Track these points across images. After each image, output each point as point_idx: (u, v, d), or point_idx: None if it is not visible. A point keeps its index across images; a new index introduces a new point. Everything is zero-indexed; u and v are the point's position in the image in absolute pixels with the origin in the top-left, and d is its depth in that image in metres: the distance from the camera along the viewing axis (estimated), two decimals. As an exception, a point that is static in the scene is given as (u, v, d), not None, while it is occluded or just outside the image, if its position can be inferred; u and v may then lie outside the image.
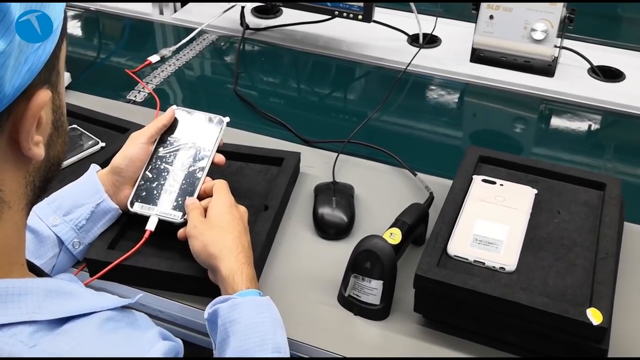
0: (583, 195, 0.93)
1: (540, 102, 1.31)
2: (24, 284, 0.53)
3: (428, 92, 1.36)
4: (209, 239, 0.80)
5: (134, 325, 0.58)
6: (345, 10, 1.35)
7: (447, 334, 0.83)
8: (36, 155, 0.52)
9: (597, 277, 0.79)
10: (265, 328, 0.73)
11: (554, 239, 0.86)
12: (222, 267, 0.78)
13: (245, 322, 0.73)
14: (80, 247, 0.88)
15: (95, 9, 1.66)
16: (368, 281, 0.82)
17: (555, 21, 1.27)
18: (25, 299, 0.52)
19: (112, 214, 0.90)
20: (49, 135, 0.55)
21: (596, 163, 1.17)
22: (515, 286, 0.79)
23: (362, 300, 0.84)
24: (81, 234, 0.87)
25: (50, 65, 0.52)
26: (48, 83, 0.52)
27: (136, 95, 1.32)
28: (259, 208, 0.96)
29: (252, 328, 0.72)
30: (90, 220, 0.88)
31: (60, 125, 0.57)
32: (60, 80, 0.55)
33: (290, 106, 1.34)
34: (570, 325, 0.74)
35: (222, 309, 0.74)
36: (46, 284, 0.55)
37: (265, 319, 0.74)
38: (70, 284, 0.57)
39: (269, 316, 0.75)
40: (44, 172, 0.56)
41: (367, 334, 0.83)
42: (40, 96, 0.51)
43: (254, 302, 0.75)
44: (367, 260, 0.82)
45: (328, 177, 1.06)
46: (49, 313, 0.52)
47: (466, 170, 0.96)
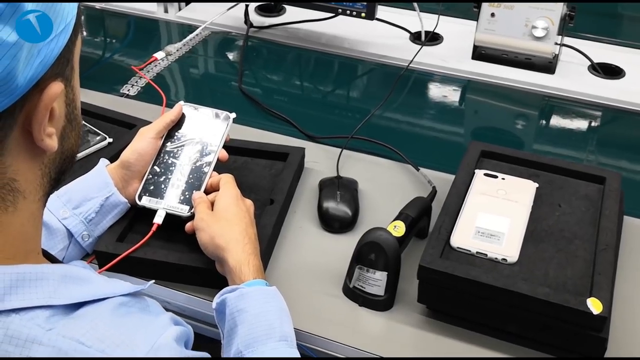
0: (583, 188, 0.95)
1: (541, 98, 1.32)
2: (40, 269, 0.54)
3: (430, 89, 1.38)
4: (216, 231, 0.82)
5: (146, 310, 0.60)
6: (349, 8, 1.37)
7: (450, 324, 0.84)
8: (49, 146, 0.54)
9: (597, 268, 0.81)
10: (272, 317, 0.75)
11: (555, 231, 0.88)
12: (230, 258, 0.80)
13: (252, 311, 0.74)
14: (90, 239, 0.89)
15: (100, 7, 1.67)
16: (372, 272, 0.84)
17: (555, 19, 1.29)
18: (42, 284, 0.54)
19: (120, 207, 0.91)
20: (63, 127, 0.57)
21: (596, 158, 1.18)
22: (517, 277, 0.81)
23: (366, 291, 0.85)
24: (90, 227, 0.89)
25: (63, 59, 0.53)
26: (61, 76, 0.54)
27: (129, 89, 1.34)
28: (264, 202, 0.98)
29: (259, 317, 0.74)
30: (100, 213, 0.89)
31: (73, 118, 0.58)
32: (74, 75, 0.57)
33: (294, 103, 1.36)
34: (571, 314, 0.76)
35: (229, 298, 0.75)
36: (61, 270, 0.56)
37: (272, 308, 0.76)
38: (85, 270, 0.59)
39: (276, 305, 0.76)
40: (58, 163, 0.58)
41: (372, 324, 0.85)
42: (52, 88, 0.52)
43: (261, 291, 0.77)
44: (371, 252, 0.83)
45: (332, 172, 1.08)
46: (64, 298, 0.54)
47: (468, 165, 0.97)
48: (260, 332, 0.73)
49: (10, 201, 0.53)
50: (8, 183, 0.53)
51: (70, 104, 0.57)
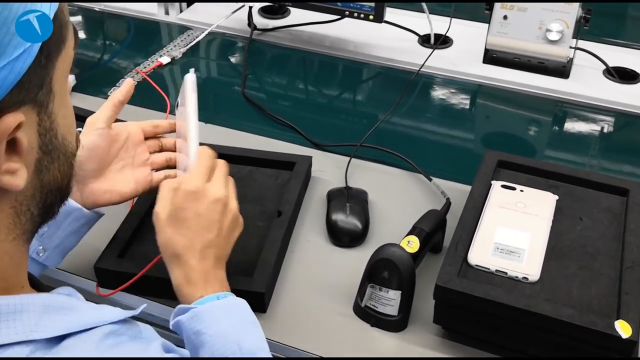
0: (605, 201, 0.91)
1: (554, 104, 1.28)
2: (19, 300, 0.50)
3: (440, 93, 1.33)
4: (171, 235, 0.73)
5: (138, 338, 0.55)
6: (356, 10, 1.32)
7: (467, 345, 0.80)
8: (9, 185, 0.47)
9: (623, 287, 0.77)
10: (232, 335, 0.68)
11: (577, 247, 0.84)
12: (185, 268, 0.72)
13: (209, 331, 0.67)
14: (46, 253, 0.80)
15: (100, 9, 1.63)
16: (386, 291, 0.80)
17: (571, 21, 1.24)
18: (21, 317, 0.49)
19: (75, 214, 0.81)
20: (37, 160, 0.50)
21: (613, 167, 1.14)
22: (539, 297, 0.77)
23: (379, 310, 0.81)
24: (44, 241, 0.80)
25: (28, 85, 0.47)
26: (29, 103, 0.47)
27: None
28: (271, 214, 0.93)
29: (220, 337, 0.67)
30: (52, 225, 0.77)
31: (52, 149, 0.51)
32: (54, 100, 0.50)
33: (299, 108, 1.31)
34: (597, 337, 0.72)
35: (183, 321, 0.69)
36: (42, 300, 0.51)
37: (230, 324, 0.69)
38: (70, 299, 0.54)
39: (236, 319, 0.69)
40: (39, 199, 0.52)
41: (385, 346, 0.80)
42: (5, 121, 0.45)
43: (217, 307, 0.69)
44: (384, 269, 0.79)
45: (340, 181, 1.03)
46: (47, 331, 0.49)
47: (485, 176, 0.93)
48: (224, 352, 0.66)
49: None
50: None
51: (47, 134, 0.50)
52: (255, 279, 0.83)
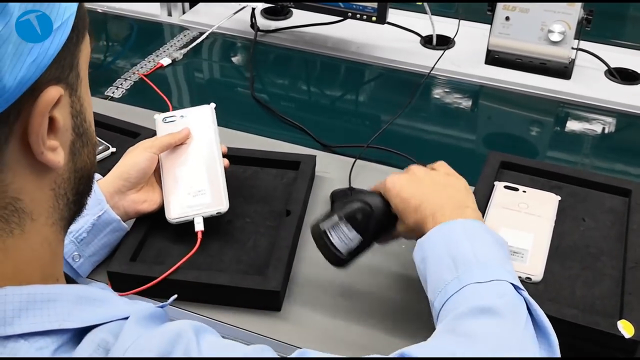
0: (608, 201, 0.91)
1: (556, 104, 1.29)
2: (53, 289, 0.50)
3: (442, 94, 1.34)
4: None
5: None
6: (359, 11, 1.33)
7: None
8: (51, 161, 0.48)
9: (626, 287, 0.77)
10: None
11: (580, 247, 0.84)
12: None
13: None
14: (81, 259, 0.85)
15: (103, 10, 1.63)
16: (349, 230, 0.79)
17: (572, 22, 1.25)
18: (54, 306, 0.49)
19: (113, 225, 0.87)
20: (71, 142, 0.51)
21: (616, 167, 1.15)
22: (543, 297, 0.77)
23: (332, 241, 0.79)
24: (81, 247, 0.85)
25: (63, 62, 0.48)
26: (63, 82, 0.49)
27: (114, 91, 1.31)
28: (280, 213, 0.94)
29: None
30: (92, 232, 0.85)
31: (83, 132, 0.53)
32: (81, 85, 0.52)
33: (303, 109, 1.32)
34: (600, 337, 0.72)
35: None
36: (76, 290, 0.51)
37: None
38: (103, 291, 0.54)
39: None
40: (74, 184, 0.53)
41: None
42: (49, 92, 0.47)
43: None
44: (361, 213, 0.78)
45: (343, 182, 1.04)
46: (79, 320, 0.49)
47: (488, 176, 0.93)
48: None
49: (15, 223, 0.48)
50: (11, 203, 0.48)
51: (78, 116, 0.52)
52: (269, 278, 0.83)
